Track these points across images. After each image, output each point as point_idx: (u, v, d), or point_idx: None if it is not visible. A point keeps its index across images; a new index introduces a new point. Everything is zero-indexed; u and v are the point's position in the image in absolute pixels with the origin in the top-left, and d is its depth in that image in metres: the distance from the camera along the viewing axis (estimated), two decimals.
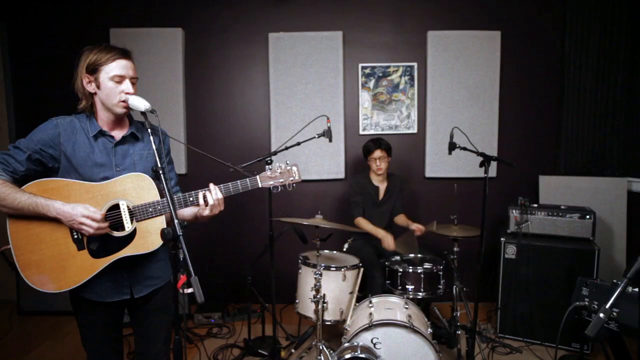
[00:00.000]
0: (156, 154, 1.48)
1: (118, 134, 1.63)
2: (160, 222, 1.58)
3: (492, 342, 2.99)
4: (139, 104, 1.55)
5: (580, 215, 2.99)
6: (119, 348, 1.72)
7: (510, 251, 3.08)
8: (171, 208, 1.42)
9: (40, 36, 3.53)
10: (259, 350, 2.85)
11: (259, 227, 3.57)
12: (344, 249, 3.24)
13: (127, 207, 1.55)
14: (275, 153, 2.68)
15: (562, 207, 3.10)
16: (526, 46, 3.59)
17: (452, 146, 2.59)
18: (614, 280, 1.27)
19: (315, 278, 2.47)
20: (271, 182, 1.74)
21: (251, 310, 3.33)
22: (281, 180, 1.76)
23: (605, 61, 3.45)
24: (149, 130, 1.54)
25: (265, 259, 2.82)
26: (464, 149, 2.55)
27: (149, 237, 1.56)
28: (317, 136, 2.69)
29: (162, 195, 1.58)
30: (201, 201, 1.61)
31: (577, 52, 3.50)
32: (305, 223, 2.42)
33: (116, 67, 1.54)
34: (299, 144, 2.72)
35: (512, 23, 3.56)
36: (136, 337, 1.76)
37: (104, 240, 1.52)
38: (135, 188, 1.57)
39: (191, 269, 1.42)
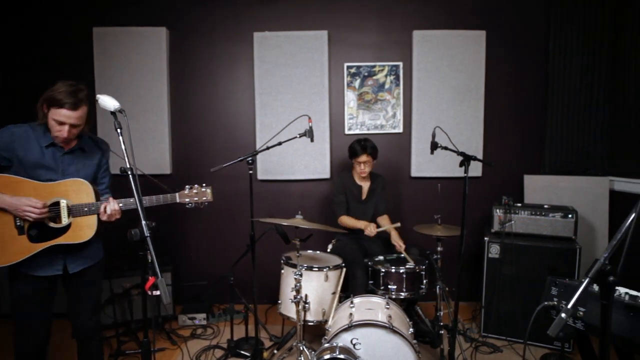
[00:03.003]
0: (127, 160, 1.73)
1: (67, 146, 1.96)
2: (92, 219, 1.93)
3: (474, 342, 2.99)
4: (109, 104, 1.74)
5: (563, 215, 3.00)
6: (47, 317, 1.99)
7: (494, 250, 3.08)
8: (139, 210, 1.42)
9: (22, 35, 3.50)
10: (242, 351, 2.84)
11: (242, 228, 3.56)
12: (328, 249, 3.24)
13: (67, 205, 1.90)
14: (256, 153, 2.67)
15: (545, 206, 3.10)
16: (511, 46, 3.59)
17: (434, 146, 2.59)
18: (581, 280, 1.27)
19: (295, 279, 2.47)
20: (187, 200, 2.08)
21: (235, 311, 3.32)
22: (196, 199, 2.09)
23: (588, 62, 3.46)
24: (97, 143, 2.05)
25: (250, 259, 2.81)
26: (445, 148, 2.55)
27: (82, 230, 1.93)
28: (298, 136, 2.68)
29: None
30: (102, 209, 1.90)
31: (562, 52, 3.50)
32: (284, 224, 2.40)
33: (60, 115, 1.81)
34: (280, 143, 2.71)
35: (496, 23, 3.56)
36: (69, 302, 2.09)
37: (42, 229, 1.87)
38: (75, 190, 1.92)
39: (158, 270, 1.41)
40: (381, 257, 2.97)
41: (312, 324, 2.77)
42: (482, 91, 3.56)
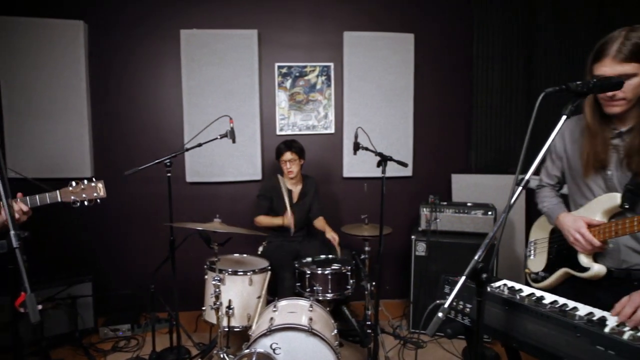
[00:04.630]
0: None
1: None
2: None
3: (400, 340, 3.04)
4: None
5: (483, 212, 3.13)
6: None
7: (421, 248, 3.16)
8: (8, 218, 1.29)
9: None
10: None
11: (168, 233, 3.42)
12: (259, 252, 3.18)
13: None
14: (175, 155, 2.57)
15: (468, 204, 3.22)
16: (438, 49, 3.70)
17: (356, 146, 2.60)
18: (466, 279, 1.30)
19: (214, 284, 2.39)
20: (72, 197, 1.87)
21: (157, 320, 3.18)
22: (83, 195, 1.90)
23: (507, 65, 3.64)
24: None
25: (178, 265, 2.70)
26: (366, 149, 2.57)
27: None
28: (219, 137, 2.60)
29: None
30: (3, 215, 1.66)
31: (484, 56, 3.66)
32: (199, 228, 2.32)
33: None
34: (200, 145, 2.62)
35: (425, 27, 3.66)
36: None
37: None
38: None
39: (27, 284, 1.29)
40: (309, 259, 2.95)
41: (238, 329, 2.69)
42: (411, 92, 3.64)
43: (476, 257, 1.18)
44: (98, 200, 1.92)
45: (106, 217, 3.41)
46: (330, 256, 2.97)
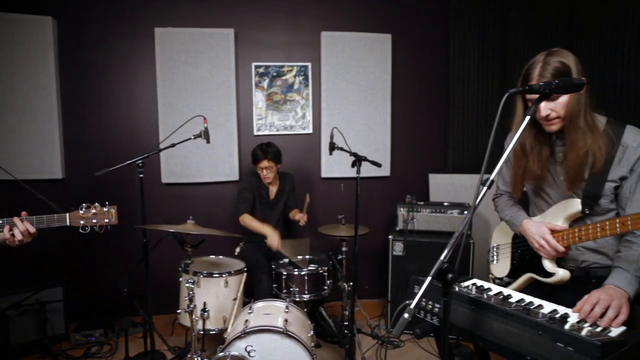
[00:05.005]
0: None
1: None
2: None
3: (378, 340, 3.05)
4: None
5: (460, 211, 3.16)
6: None
7: (398, 248, 3.17)
8: None
9: None
10: None
11: (139, 235, 3.35)
12: (235, 253, 3.15)
13: None
14: (147, 156, 2.51)
15: (445, 203, 3.25)
16: (415, 50, 3.73)
17: (331, 146, 2.60)
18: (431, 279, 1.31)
19: (188, 287, 2.35)
20: (82, 222, 1.74)
21: (133, 324, 3.12)
22: (94, 221, 1.76)
23: (483, 66, 3.69)
24: None
25: (154, 267, 2.64)
26: (341, 149, 2.56)
27: None
28: (192, 137, 2.56)
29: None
30: (7, 234, 1.58)
31: (460, 57, 3.70)
32: (170, 230, 2.27)
33: None
34: (173, 145, 2.57)
35: (402, 27, 3.68)
36: None
37: None
38: None
39: None
40: (286, 260, 2.93)
41: (214, 332, 2.66)
42: (388, 93, 3.66)
43: (442, 258, 1.18)
44: (109, 227, 1.79)
45: None
46: (307, 257, 2.96)
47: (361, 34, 3.60)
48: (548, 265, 1.56)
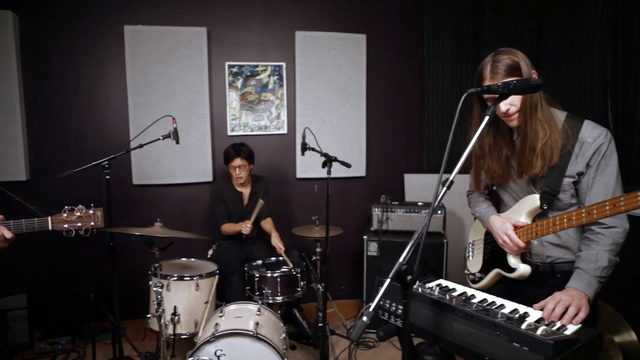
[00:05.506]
0: None
1: None
2: None
3: (352, 341, 3.04)
4: None
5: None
6: None
7: (372, 248, 3.18)
8: None
9: None
10: None
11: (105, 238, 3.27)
12: (209, 255, 3.10)
13: None
14: (114, 157, 2.45)
15: (419, 203, 3.27)
16: (390, 51, 3.74)
17: (303, 147, 2.58)
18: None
19: (155, 291, 2.29)
20: (65, 226, 1.67)
21: (102, 330, 3.04)
22: (79, 224, 1.69)
23: (457, 67, 3.73)
24: None
25: (125, 271, 2.58)
26: (312, 149, 2.54)
27: None
28: (161, 138, 2.50)
29: None
30: None
31: (435, 58, 3.73)
32: (136, 233, 2.21)
33: None
34: (141, 146, 2.51)
35: (377, 28, 3.69)
36: None
37: None
38: None
39: None
40: (260, 262, 2.90)
41: (185, 336, 2.61)
42: (363, 93, 3.66)
43: (400, 259, 1.18)
44: (94, 231, 1.71)
45: None
46: (280, 258, 2.93)
47: (336, 34, 3.59)
48: (512, 260, 1.59)
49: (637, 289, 1.54)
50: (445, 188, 1.23)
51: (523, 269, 1.54)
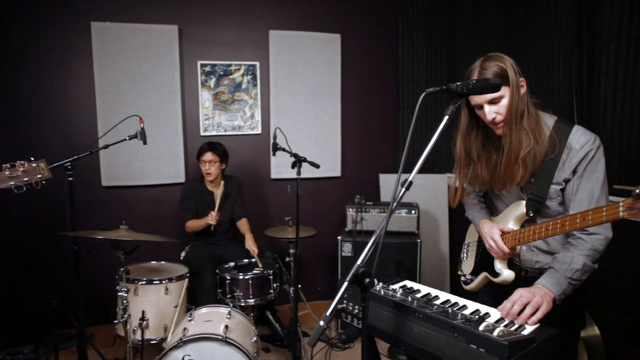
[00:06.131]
0: None
1: None
2: None
3: (327, 342, 3.03)
4: None
5: (407, 211, 3.19)
6: None
7: (347, 249, 3.16)
8: None
9: None
10: None
11: (80, 241, 3.17)
12: (181, 258, 3.04)
13: None
14: (77, 158, 2.37)
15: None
16: (365, 51, 3.74)
17: (274, 147, 2.55)
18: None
19: (121, 296, 2.23)
20: (12, 183, 1.61)
21: (70, 337, 2.95)
22: (25, 179, 1.65)
23: (432, 67, 3.75)
24: None
25: (93, 276, 2.49)
26: (283, 149, 2.51)
27: None
28: (127, 138, 2.42)
29: None
30: None
31: (409, 58, 3.74)
32: (99, 237, 2.14)
33: None
34: (106, 146, 2.43)
35: (351, 28, 3.68)
36: None
37: None
38: None
39: None
40: (232, 264, 2.86)
41: (155, 342, 2.55)
42: (338, 93, 3.64)
43: (358, 262, 1.16)
44: (43, 182, 1.69)
45: (4, 227, 3.09)
46: (253, 260, 2.89)
47: (310, 33, 3.57)
48: (497, 265, 1.58)
49: (600, 285, 1.57)
50: (404, 189, 1.21)
51: (506, 274, 1.54)
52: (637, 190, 1.00)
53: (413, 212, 3.17)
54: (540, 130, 1.42)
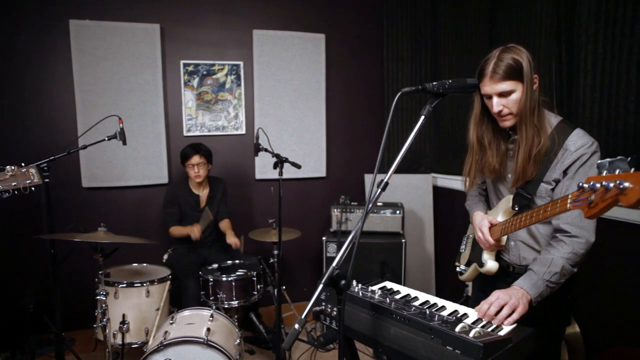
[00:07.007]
0: None
1: None
2: None
3: (312, 344, 3.01)
4: None
5: (392, 211, 3.19)
6: None
7: (332, 249, 3.15)
8: None
9: None
10: None
11: (58, 244, 3.09)
12: (164, 260, 3.00)
13: None
14: (53, 159, 2.31)
15: (378, 204, 3.26)
16: (350, 50, 3.73)
17: (256, 147, 2.52)
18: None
19: (99, 299, 2.18)
20: (0, 187, 1.60)
21: (48, 342, 2.88)
22: (14, 184, 1.63)
23: (417, 67, 3.76)
24: None
25: (73, 280, 2.43)
26: (265, 150, 2.49)
27: None
28: (106, 139, 2.38)
29: None
30: None
31: (394, 58, 3.75)
32: (76, 240, 2.10)
33: None
34: (85, 147, 2.38)
35: (336, 28, 3.67)
36: None
37: None
38: None
39: None
40: (215, 265, 2.82)
41: (136, 345, 2.51)
42: (323, 93, 3.63)
43: (334, 264, 1.15)
44: (32, 188, 1.67)
45: None
46: (237, 261, 2.86)
47: (294, 33, 3.55)
48: (484, 256, 1.62)
49: (581, 283, 1.58)
50: (380, 190, 1.20)
51: (490, 265, 1.58)
52: (581, 184, 1.01)
53: (398, 212, 3.17)
54: (545, 128, 1.43)
